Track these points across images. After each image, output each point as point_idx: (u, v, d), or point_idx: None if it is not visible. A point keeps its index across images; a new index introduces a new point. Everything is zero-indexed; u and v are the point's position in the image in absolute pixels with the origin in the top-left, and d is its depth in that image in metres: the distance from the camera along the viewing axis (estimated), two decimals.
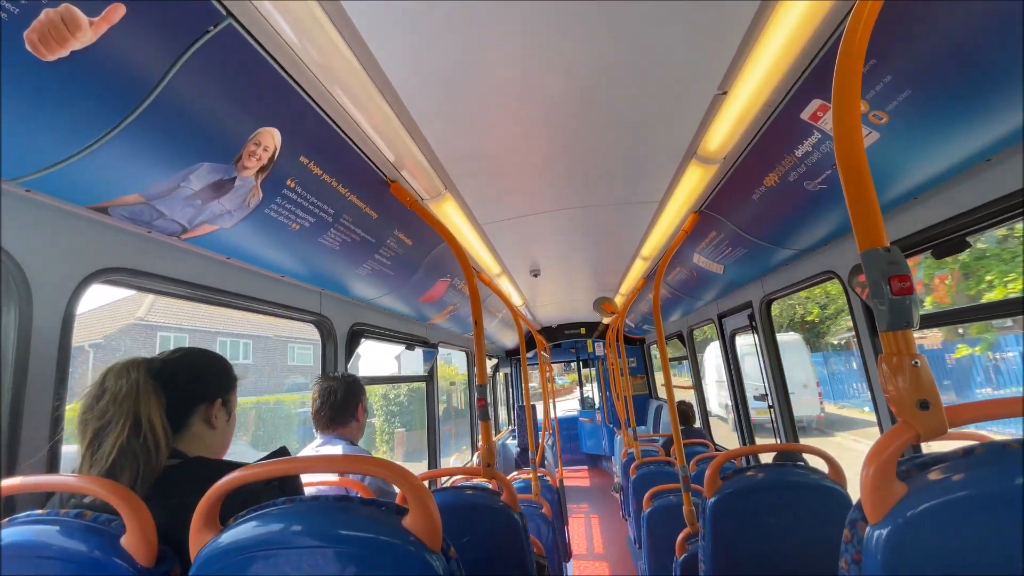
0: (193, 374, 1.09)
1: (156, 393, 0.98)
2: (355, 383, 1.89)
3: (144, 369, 0.98)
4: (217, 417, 1.11)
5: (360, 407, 1.87)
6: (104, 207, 1.23)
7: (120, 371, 0.97)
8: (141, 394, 0.95)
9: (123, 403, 0.93)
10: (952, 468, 0.63)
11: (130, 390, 0.95)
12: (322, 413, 1.81)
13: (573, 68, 1.33)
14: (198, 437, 1.07)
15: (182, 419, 1.04)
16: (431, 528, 0.72)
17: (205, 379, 1.11)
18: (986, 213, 1.46)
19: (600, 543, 4.96)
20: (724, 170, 1.97)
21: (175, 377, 1.04)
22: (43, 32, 0.80)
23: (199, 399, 1.08)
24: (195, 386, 1.08)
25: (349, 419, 1.82)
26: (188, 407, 1.06)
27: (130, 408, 0.93)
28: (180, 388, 1.04)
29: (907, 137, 1.29)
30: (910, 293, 0.68)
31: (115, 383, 0.95)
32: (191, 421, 1.06)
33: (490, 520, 1.44)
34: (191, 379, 1.08)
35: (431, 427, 4.02)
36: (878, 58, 1.13)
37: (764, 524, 1.44)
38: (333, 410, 1.80)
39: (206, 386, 1.11)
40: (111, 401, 0.93)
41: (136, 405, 0.94)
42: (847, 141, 0.75)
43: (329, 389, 1.84)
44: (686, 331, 4.97)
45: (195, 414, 1.07)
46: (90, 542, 0.79)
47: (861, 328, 2.12)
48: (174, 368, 1.05)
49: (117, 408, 0.93)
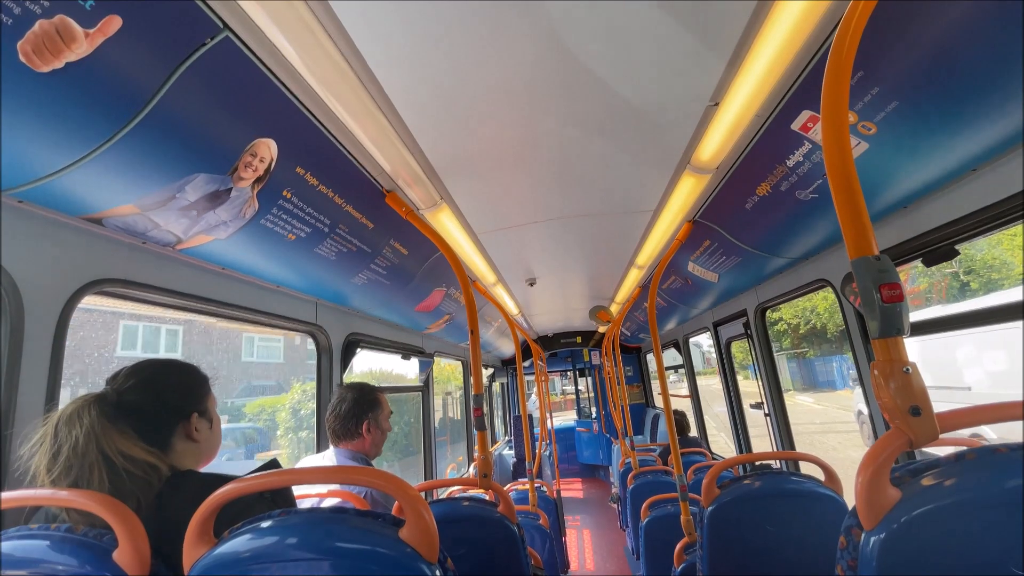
0: (156, 398, 1.00)
1: (120, 429, 0.91)
2: (366, 397, 1.77)
3: (96, 409, 0.90)
4: (198, 430, 1.05)
5: (366, 424, 1.74)
6: (98, 218, 1.23)
7: (71, 418, 0.88)
8: (102, 437, 0.87)
9: (87, 452, 0.86)
10: (944, 473, 0.63)
11: (88, 436, 0.87)
12: (328, 423, 1.75)
13: (568, 79, 1.34)
14: (182, 453, 1.02)
15: (160, 444, 0.97)
16: (428, 540, 0.72)
17: (171, 399, 1.02)
18: (974, 221, 1.48)
19: (598, 554, 4.91)
20: (717, 180, 1.99)
21: (137, 407, 0.96)
22: (37, 43, 0.80)
23: (173, 421, 1.01)
24: (163, 410, 1.00)
25: (354, 434, 1.73)
26: (163, 432, 0.99)
27: (97, 454, 0.86)
28: (146, 417, 0.97)
29: (895, 147, 1.31)
30: (900, 300, 0.69)
31: (68, 433, 0.87)
32: (171, 442, 1.00)
33: (487, 531, 1.43)
34: (156, 404, 0.99)
35: (427, 438, 3.99)
36: (866, 70, 1.15)
37: (761, 532, 1.44)
38: (337, 421, 1.73)
39: (175, 406, 1.03)
40: (72, 453, 0.85)
41: (102, 448, 0.87)
42: (836, 151, 0.76)
43: (338, 398, 1.77)
44: (682, 339, 4.98)
45: (174, 435, 1.01)
46: (81, 556, 0.78)
47: (855, 335, 2.14)
48: (131, 398, 0.97)
49: (81, 459, 0.85)
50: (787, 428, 3.08)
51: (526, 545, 1.47)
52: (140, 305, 1.48)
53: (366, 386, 1.82)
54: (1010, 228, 1.45)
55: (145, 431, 0.95)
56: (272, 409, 9.93)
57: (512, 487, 4.05)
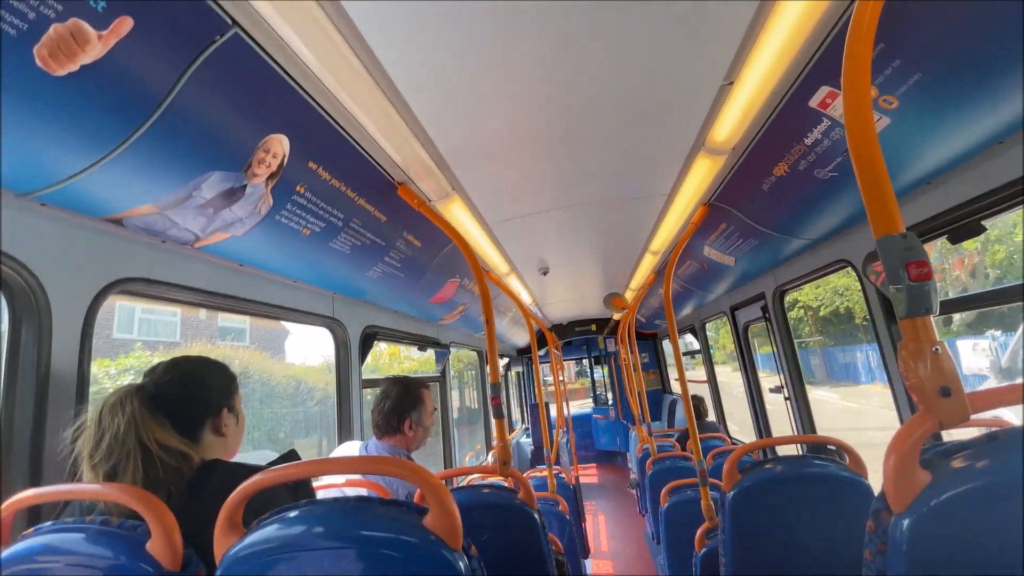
0: (191, 392, 1.05)
1: (157, 420, 0.96)
2: (410, 395, 1.78)
3: (138, 400, 0.95)
4: (226, 424, 1.10)
5: (408, 421, 1.75)
6: (119, 218, 1.25)
7: (114, 406, 0.93)
8: (141, 426, 0.92)
9: (126, 439, 0.91)
10: (976, 455, 0.62)
11: (129, 425, 0.92)
12: (372, 417, 1.77)
13: (578, 64, 1.32)
14: (210, 446, 1.06)
15: (191, 436, 1.02)
16: (451, 527, 0.72)
17: (204, 394, 1.08)
18: (1002, 196, 1.43)
19: (618, 540, 4.94)
20: (732, 161, 1.95)
21: (173, 400, 1.01)
22: (53, 47, 0.81)
23: (204, 415, 1.06)
24: (196, 404, 1.06)
25: (396, 430, 1.74)
26: (194, 425, 1.04)
27: (135, 442, 0.91)
28: (181, 410, 1.02)
29: (918, 121, 1.27)
30: (928, 279, 0.67)
31: (111, 421, 0.92)
32: (201, 435, 1.05)
33: (508, 518, 1.44)
34: (190, 398, 1.05)
35: (445, 427, 4.04)
36: (887, 42, 1.11)
37: (784, 516, 1.43)
38: (381, 416, 1.75)
39: (207, 401, 1.08)
40: (114, 440, 0.91)
41: (140, 437, 0.92)
42: (859, 128, 0.74)
43: (383, 393, 1.78)
44: (698, 324, 4.93)
45: (203, 428, 1.06)
46: (116, 548, 0.81)
47: (877, 317, 2.09)
48: (169, 391, 1.02)
49: (121, 446, 0.91)
50: (808, 412, 3.04)
51: (547, 531, 1.48)
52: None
53: (411, 382, 1.82)
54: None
55: (179, 423, 0.99)
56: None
57: (530, 474, 4.08)
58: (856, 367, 16.47)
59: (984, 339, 10.65)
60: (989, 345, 10.46)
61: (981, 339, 10.73)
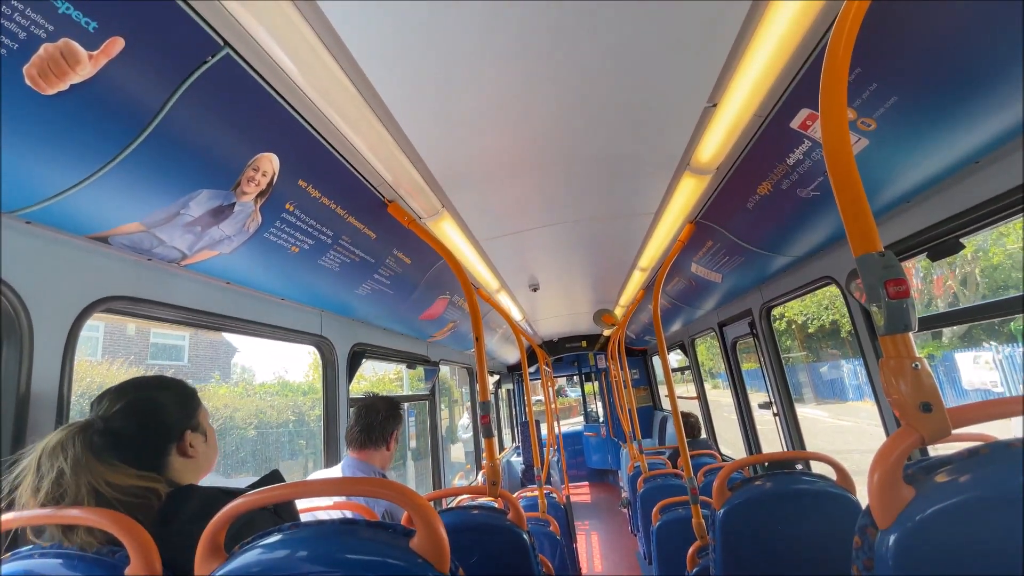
0: (145, 422, 0.96)
1: (105, 461, 0.86)
2: (395, 410, 1.78)
3: (81, 441, 0.85)
4: (192, 446, 1.02)
5: (394, 436, 1.77)
6: (104, 236, 1.24)
7: (54, 450, 0.84)
8: (87, 470, 0.84)
9: (71, 485, 0.82)
10: (958, 469, 0.63)
11: (74, 468, 0.83)
12: (354, 430, 1.73)
13: (565, 84, 1.35)
14: (180, 470, 1.00)
15: (154, 467, 0.94)
16: (439, 549, 0.71)
17: (161, 421, 0.99)
18: (979, 214, 1.48)
19: (610, 560, 4.87)
20: (717, 180, 1.99)
21: (126, 434, 0.92)
22: (42, 67, 0.81)
23: (165, 443, 0.98)
24: (154, 433, 0.97)
25: (381, 444, 1.73)
26: (156, 455, 0.97)
27: (84, 486, 0.83)
28: (139, 443, 0.93)
29: (896, 143, 1.31)
30: (906, 296, 0.68)
31: (51, 466, 0.83)
32: (166, 462, 0.98)
33: (498, 540, 1.42)
34: (145, 429, 0.96)
35: (434, 447, 3.98)
36: (863, 67, 1.15)
37: (774, 533, 1.43)
38: (367, 430, 1.72)
39: (167, 427, 0.99)
40: (55, 487, 0.82)
41: (87, 480, 0.83)
42: (836, 148, 0.76)
43: (372, 406, 1.76)
44: (687, 340, 4.96)
45: (167, 455, 0.98)
46: (95, 574, 0.78)
47: (862, 332, 2.12)
48: (120, 425, 0.93)
49: (64, 494, 0.82)
50: (797, 428, 3.05)
51: (537, 553, 1.46)
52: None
53: (393, 399, 1.84)
54: (1015, 220, 1.44)
55: (138, 456, 0.92)
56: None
57: (521, 495, 4.03)
58: (843, 382, 16.33)
59: (986, 351, 10.54)
60: (993, 358, 10.23)
61: (982, 351, 10.63)
